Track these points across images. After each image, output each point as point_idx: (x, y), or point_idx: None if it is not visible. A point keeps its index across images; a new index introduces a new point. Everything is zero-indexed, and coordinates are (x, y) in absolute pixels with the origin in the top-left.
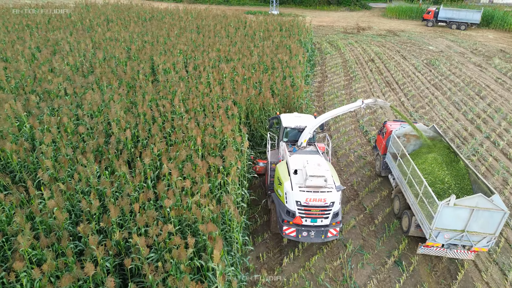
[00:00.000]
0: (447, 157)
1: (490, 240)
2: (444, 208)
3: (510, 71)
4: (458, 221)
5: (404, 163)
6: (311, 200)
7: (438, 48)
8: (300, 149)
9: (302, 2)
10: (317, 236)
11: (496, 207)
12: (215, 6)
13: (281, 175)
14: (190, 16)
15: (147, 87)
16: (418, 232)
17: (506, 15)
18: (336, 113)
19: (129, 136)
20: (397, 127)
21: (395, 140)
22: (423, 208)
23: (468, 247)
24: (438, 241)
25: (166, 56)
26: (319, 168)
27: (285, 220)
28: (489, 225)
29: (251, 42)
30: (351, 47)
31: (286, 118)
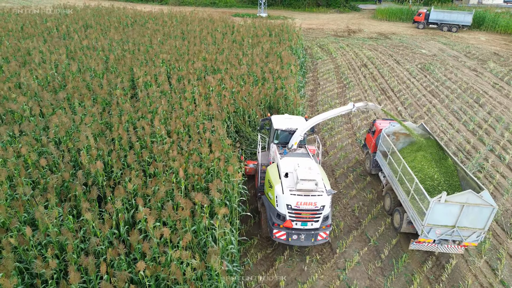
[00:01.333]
0: (436, 155)
1: (480, 235)
2: (435, 204)
3: (506, 75)
4: (449, 217)
5: (394, 161)
6: (302, 204)
7: (431, 51)
8: (291, 151)
9: (290, 4)
10: (307, 239)
11: (485, 202)
12: (202, 8)
13: (272, 178)
14: (174, 21)
15: (124, 105)
16: (409, 228)
17: (497, 16)
18: (328, 116)
19: (100, 168)
20: (386, 125)
21: (385, 138)
22: (414, 205)
23: (458, 242)
24: (430, 237)
25: (148, 66)
26: (310, 171)
27: (276, 223)
28: (478, 220)
29: (239, 49)
30: (343, 51)
31: (277, 120)
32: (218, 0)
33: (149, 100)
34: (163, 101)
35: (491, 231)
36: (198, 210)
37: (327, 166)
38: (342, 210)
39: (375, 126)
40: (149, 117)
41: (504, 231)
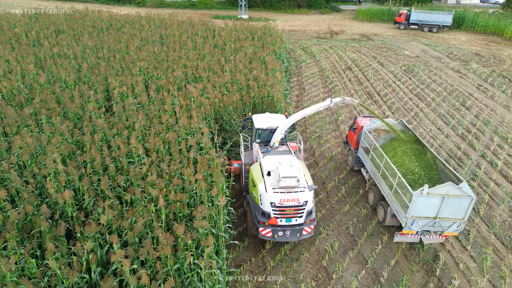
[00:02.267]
0: (416, 150)
1: (460, 225)
2: (418, 197)
3: (489, 76)
4: (430, 209)
5: (376, 156)
6: (285, 201)
7: (413, 53)
8: (273, 150)
9: (271, 6)
10: (293, 235)
11: (464, 193)
12: (181, 10)
13: (255, 177)
14: (152, 24)
15: (98, 120)
16: (393, 221)
17: (476, 16)
18: (307, 112)
19: (69, 198)
20: (367, 122)
21: (367, 135)
22: (397, 199)
23: (440, 232)
24: (413, 228)
25: (124, 75)
26: (292, 168)
27: (261, 221)
28: (458, 211)
29: (222, 55)
30: (326, 54)
31: (258, 119)
32: (197, 1)
33: (125, 114)
34: (141, 115)
35: (491, 246)
36: (180, 244)
37: (317, 178)
38: (336, 228)
39: (356, 123)
40: (125, 134)
41: (504, 245)
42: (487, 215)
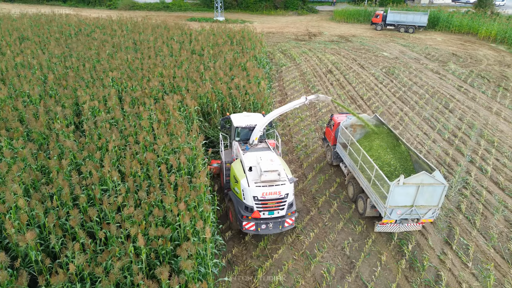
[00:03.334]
0: (391, 143)
1: (435, 211)
2: (395, 187)
3: (468, 77)
4: (407, 198)
5: (354, 151)
6: (267, 194)
7: (392, 54)
8: (252, 147)
9: (248, 7)
10: (275, 227)
11: (437, 181)
12: (154, 12)
13: (237, 173)
14: (125, 29)
15: (66, 141)
16: (373, 212)
17: (451, 16)
18: (283, 110)
19: (31, 242)
20: (343, 118)
21: (344, 130)
22: (376, 190)
23: (417, 219)
24: (392, 217)
25: (95, 87)
26: (272, 163)
27: (244, 215)
28: (433, 198)
29: (200, 61)
30: (306, 57)
31: (236, 118)
32: (171, 3)
33: (97, 133)
34: (115, 133)
35: (492, 261)
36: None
37: (307, 193)
38: (331, 249)
39: (333, 120)
40: (98, 156)
41: (504, 259)
42: (484, 226)
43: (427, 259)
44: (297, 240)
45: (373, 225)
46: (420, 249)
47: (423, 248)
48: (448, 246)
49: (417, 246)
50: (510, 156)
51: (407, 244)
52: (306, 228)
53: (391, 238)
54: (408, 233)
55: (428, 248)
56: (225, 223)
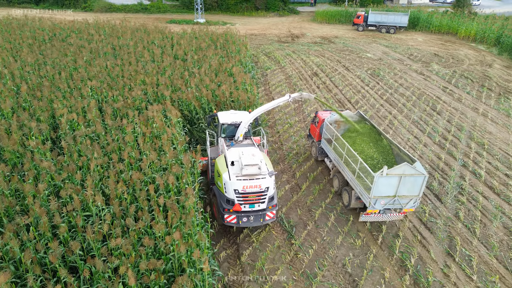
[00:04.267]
0: (373, 137)
1: (416, 201)
2: (378, 178)
3: (452, 77)
4: (390, 188)
5: (339, 145)
6: (248, 187)
7: (376, 55)
8: (237, 143)
9: (228, 9)
10: (256, 220)
11: (418, 172)
12: (132, 15)
13: (220, 167)
14: (103, 33)
15: (43, 162)
16: (358, 203)
17: (430, 17)
18: (268, 107)
19: (6, 284)
20: (328, 115)
21: (328, 127)
22: (361, 182)
23: (399, 209)
24: (376, 207)
25: (73, 98)
26: (253, 157)
27: (226, 208)
28: (414, 188)
29: (184, 67)
30: (290, 59)
31: (223, 115)
32: (150, 5)
33: (76, 150)
34: (97, 150)
35: (496, 273)
36: None
37: (302, 205)
38: (332, 266)
39: (318, 116)
40: (78, 177)
41: (508, 270)
42: (484, 235)
43: (431, 273)
44: (296, 258)
45: (373, 238)
46: (423, 263)
47: (426, 261)
48: (451, 258)
49: (420, 260)
50: (501, 159)
51: (409, 258)
52: (304, 244)
53: (392, 251)
54: (409, 246)
55: (431, 261)
56: (218, 242)
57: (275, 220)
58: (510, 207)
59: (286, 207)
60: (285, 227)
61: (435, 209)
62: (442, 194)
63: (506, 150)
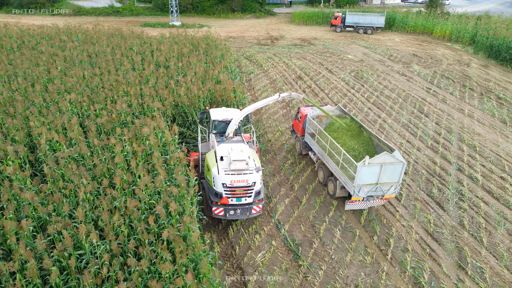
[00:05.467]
0: (353, 130)
1: (396, 188)
2: (361, 167)
3: (434, 78)
4: (372, 176)
5: (322, 139)
6: (235, 182)
7: (356, 56)
8: (228, 139)
9: (204, 11)
10: (243, 213)
11: (397, 160)
12: (104, 18)
13: (209, 162)
14: (76, 39)
15: (23, 192)
16: (343, 192)
17: (406, 17)
18: (258, 105)
19: None
20: (310, 111)
21: (311, 121)
22: (345, 172)
23: (381, 196)
24: (360, 195)
25: (50, 113)
26: (242, 153)
27: (214, 201)
28: (394, 175)
29: (167, 75)
30: (272, 62)
31: (214, 112)
32: (121, 8)
33: (60, 175)
34: (84, 176)
35: (510, 285)
36: None
37: (304, 220)
38: None
39: (300, 112)
40: (66, 208)
41: None
42: (491, 243)
43: None
44: (306, 282)
45: (382, 254)
46: (436, 278)
47: (439, 276)
48: (463, 271)
49: (433, 275)
50: (494, 161)
51: (422, 274)
52: (313, 264)
53: (403, 267)
54: (420, 260)
55: (444, 276)
56: (221, 268)
57: (261, 213)
58: (511, 212)
59: (289, 224)
60: (290, 246)
61: (439, 218)
62: (444, 202)
63: (497, 151)
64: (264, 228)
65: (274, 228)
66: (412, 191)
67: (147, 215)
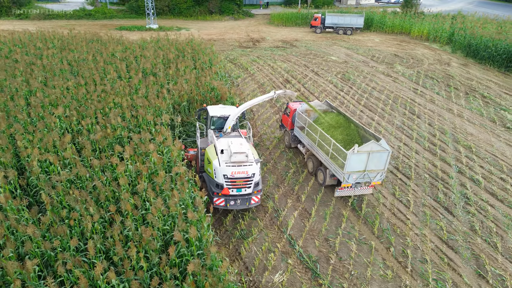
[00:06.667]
0: (341, 122)
1: (382, 174)
2: (351, 155)
3: (418, 78)
4: (360, 164)
5: (312, 131)
6: (236, 173)
7: (340, 58)
8: (226, 135)
9: (181, 13)
10: (243, 203)
11: (383, 148)
12: (75, 21)
13: (210, 155)
14: (51, 46)
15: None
16: (332, 180)
17: (383, 18)
18: (254, 102)
19: None
20: (298, 105)
21: (301, 115)
22: (334, 161)
23: (368, 183)
24: (349, 181)
25: (37, 131)
26: (241, 146)
27: (215, 192)
28: (380, 163)
29: (157, 83)
30: (257, 65)
31: (212, 109)
32: (93, 11)
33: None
34: (88, 202)
35: None
36: None
37: (316, 233)
38: None
39: (289, 107)
40: (74, 243)
41: None
42: (505, 248)
43: None
44: None
45: (402, 266)
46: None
47: (461, 287)
48: (483, 279)
49: (455, 286)
50: (491, 162)
51: (445, 286)
52: (333, 283)
53: (426, 280)
54: (440, 271)
55: (466, 287)
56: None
57: (259, 204)
58: None
59: (302, 239)
60: (307, 264)
61: (450, 224)
62: (451, 206)
63: (492, 151)
64: (278, 245)
65: (287, 245)
66: (418, 196)
67: (161, 242)
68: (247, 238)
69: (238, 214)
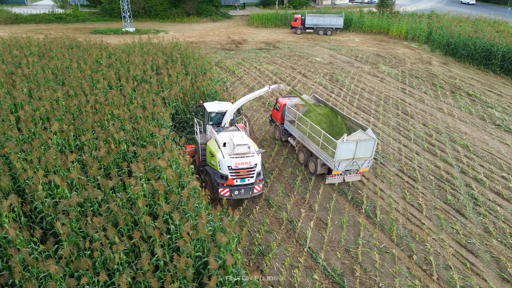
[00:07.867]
0: (328, 115)
1: (369, 162)
2: (340, 144)
3: (404, 78)
4: (349, 152)
5: (302, 124)
6: (240, 164)
7: (324, 59)
8: (224, 129)
9: (157, 15)
10: (246, 192)
11: (370, 137)
12: (45, 25)
13: (213, 149)
14: (29, 53)
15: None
16: (323, 169)
17: (362, 18)
18: (250, 97)
19: None
20: (287, 101)
21: (291, 109)
22: (325, 151)
23: (356, 170)
24: (339, 169)
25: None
26: (243, 139)
27: (220, 183)
28: (367, 151)
29: (151, 91)
30: (244, 68)
31: (209, 105)
32: (64, 14)
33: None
34: (109, 229)
35: None
36: None
37: (336, 244)
38: None
39: (279, 102)
40: (103, 279)
41: None
42: None
43: None
44: None
45: (427, 274)
46: None
47: None
48: (508, 283)
49: None
50: (490, 161)
51: None
52: None
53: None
54: (465, 277)
55: None
56: None
57: (261, 193)
58: None
59: (323, 251)
60: (334, 278)
61: (464, 227)
62: (462, 208)
63: (488, 150)
64: (300, 260)
65: (309, 259)
66: (428, 199)
67: (193, 270)
68: (267, 254)
69: (253, 227)
